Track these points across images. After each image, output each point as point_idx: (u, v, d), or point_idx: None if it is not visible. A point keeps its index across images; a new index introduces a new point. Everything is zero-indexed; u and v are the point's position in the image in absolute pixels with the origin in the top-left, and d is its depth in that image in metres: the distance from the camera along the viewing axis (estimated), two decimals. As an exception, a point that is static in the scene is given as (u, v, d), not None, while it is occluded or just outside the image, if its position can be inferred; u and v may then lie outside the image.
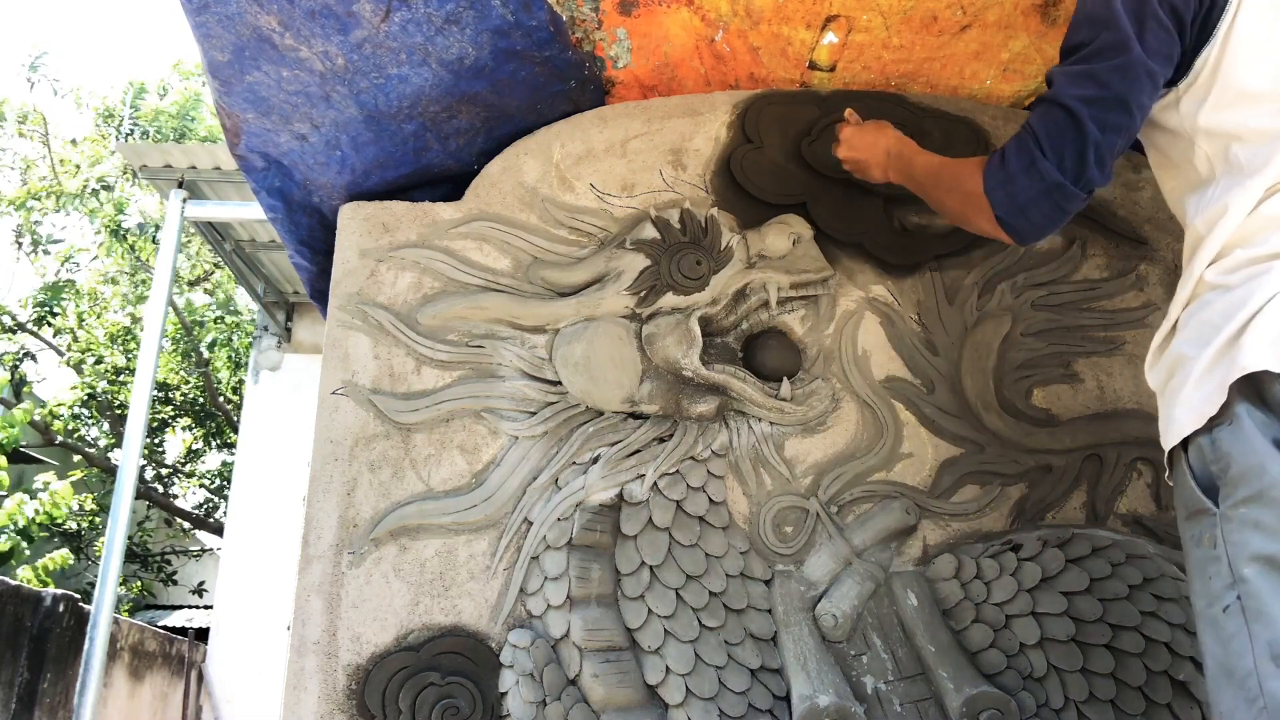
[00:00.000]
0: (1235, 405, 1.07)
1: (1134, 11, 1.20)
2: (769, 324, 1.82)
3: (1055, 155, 1.24)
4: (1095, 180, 1.25)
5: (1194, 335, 1.16)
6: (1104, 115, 1.22)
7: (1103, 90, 1.22)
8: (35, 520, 6.08)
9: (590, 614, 1.60)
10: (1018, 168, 1.27)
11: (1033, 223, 1.29)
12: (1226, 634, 1.03)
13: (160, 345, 4.23)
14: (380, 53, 1.66)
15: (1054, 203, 1.26)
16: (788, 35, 1.79)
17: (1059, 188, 1.24)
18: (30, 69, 9.88)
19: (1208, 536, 1.08)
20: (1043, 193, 1.26)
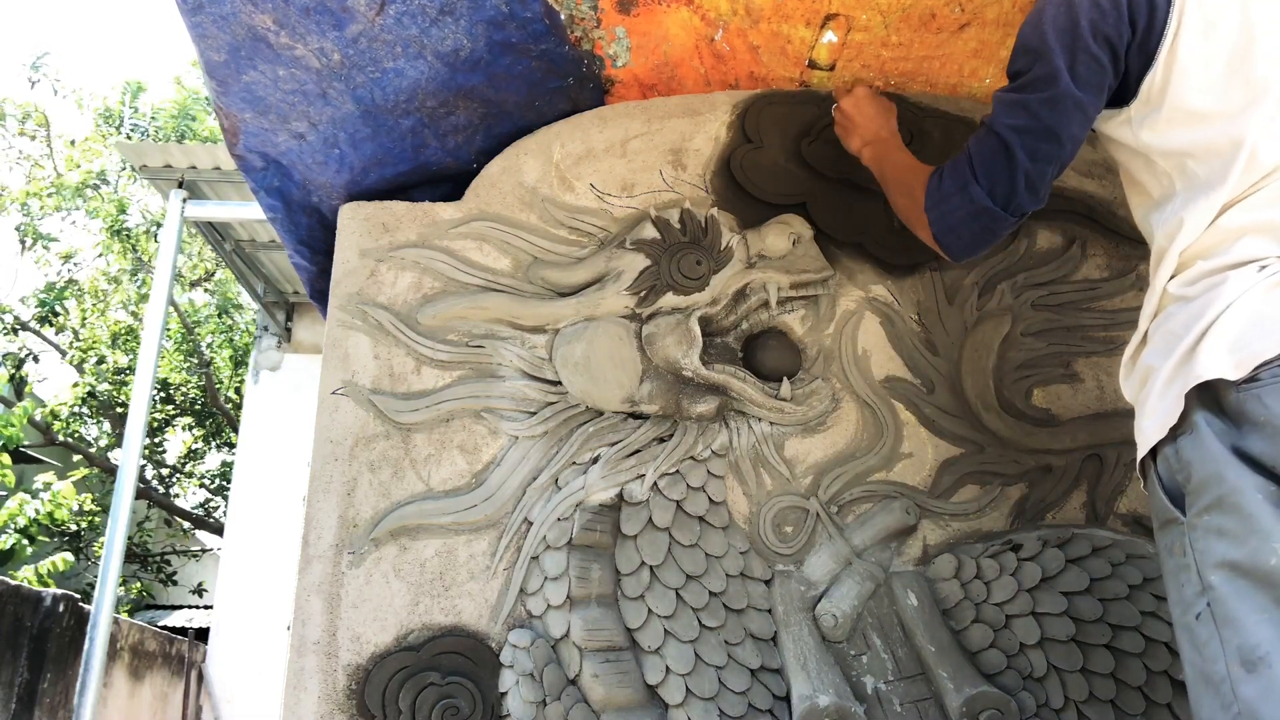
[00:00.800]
0: (1194, 414, 1.09)
1: (1065, 44, 1.23)
2: (769, 324, 1.82)
3: (987, 181, 1.29)
4: (1025, 205, 1.30)
5: (1159, 346, 1.19)
6: (1035, 145, 1.26)
7: (1033, 121, 1.26)
8: (36, 520, 6.08)
9: (590, 614, 1.60)
10: (951, 188, 1.33)
11: (962, 242, 1.36)
12: (1200, 641, 1.04)
13: (160, 345, 4.23)
14: (376, 46, 1.66)
15: (983, 225, 1.32)
16: (787, 34, 1.79)
17: (987, 212, 1.30)
18: (32, 68, 9.89)
19: (1178, 545, 1.09)
20: (972, 215, 1.32)
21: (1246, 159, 1.16)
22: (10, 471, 6.04)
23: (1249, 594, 1.00)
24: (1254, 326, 1.07)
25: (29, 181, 10.02)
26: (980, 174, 1.30)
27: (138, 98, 10.51)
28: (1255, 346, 1.05)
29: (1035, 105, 1.26)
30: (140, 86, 10.58)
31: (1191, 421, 1.09)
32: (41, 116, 10.04)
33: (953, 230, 1.35)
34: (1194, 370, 1.09)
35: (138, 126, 10.21)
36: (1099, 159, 1.93)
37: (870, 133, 1.66)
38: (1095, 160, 1.93)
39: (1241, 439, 1.05)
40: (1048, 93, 1.25)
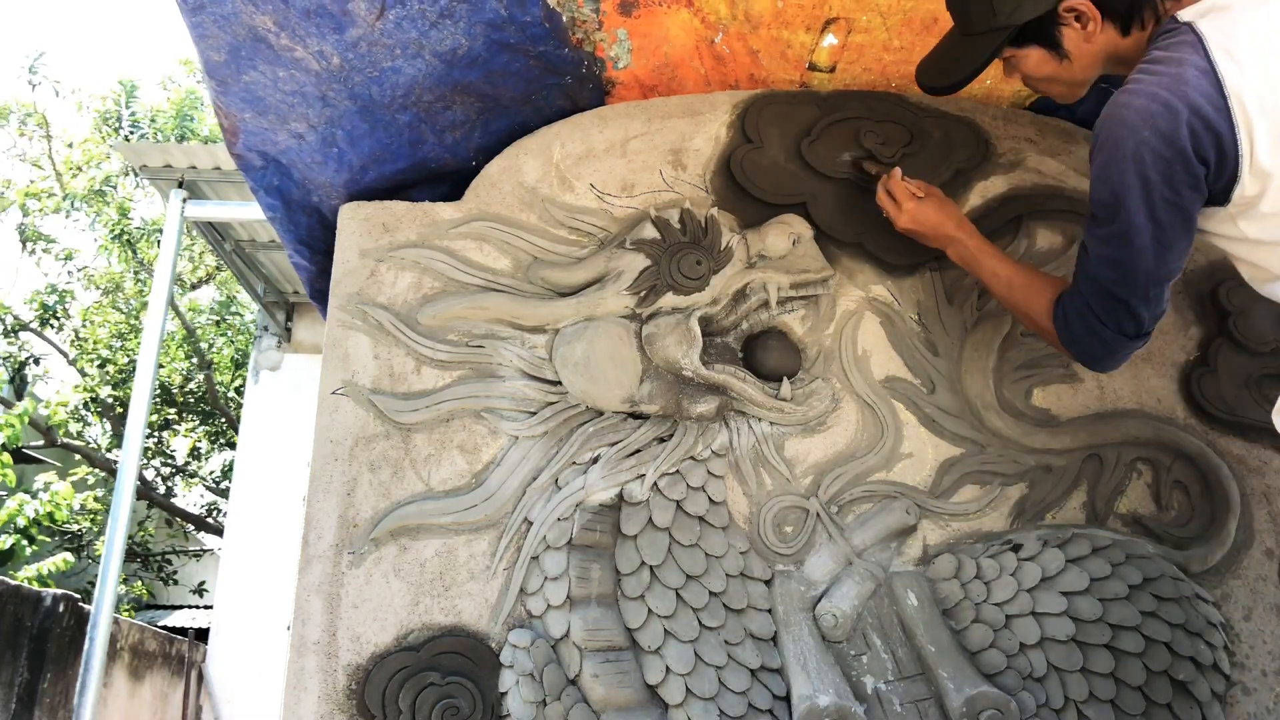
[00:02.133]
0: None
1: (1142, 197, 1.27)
2: (769, 324, 1.82)
3: (1113, 324, 1.38)
4: (1153, 327, 1.40)
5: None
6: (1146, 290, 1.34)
7: (1131, 274, 1.33)
8: (36, 520, 6.08)
9: (590, 614, 1.60)
10: (1083, 332, 1.42)
11: (1108, 366, 1.47)
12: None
13: (160, 345, 4.23)
14: (375, 50, 1.66)
15: (1125, 353, 1.43)
16: (787, 39, 1.79)
17: (1124, 344, 1.41)
18: (30, 70, 9.89)
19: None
20: (1110, 350, 1.42)
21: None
22: (10, 471, 6.04)
23: None
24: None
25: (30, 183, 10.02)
26: (1105, 319, 1.38)
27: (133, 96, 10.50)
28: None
29: (1126, 261, 1.32)
30: (134, 86, 10.58)
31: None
32: (41, 117, 10.04)
33: (1099, 360, 1.45)
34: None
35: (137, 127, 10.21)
36: (1099, 159, 1.93)
37: (943, 237, 1.67)
38: (1095, 160, 1.93)
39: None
40: (1135, 245, 1.30)
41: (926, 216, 1.68)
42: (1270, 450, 1.78)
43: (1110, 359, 1.44)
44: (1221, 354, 1.80)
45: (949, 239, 1.66)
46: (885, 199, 1.73)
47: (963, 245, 1.64)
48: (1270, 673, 1.65)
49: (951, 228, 1.65)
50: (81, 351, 9.57)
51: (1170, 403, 1.81)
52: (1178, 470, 1.77)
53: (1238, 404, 1.78)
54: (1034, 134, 1.94)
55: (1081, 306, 1.41)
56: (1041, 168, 1.91)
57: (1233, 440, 1.78)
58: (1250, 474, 1.76)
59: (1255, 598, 1.69)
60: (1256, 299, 1.53)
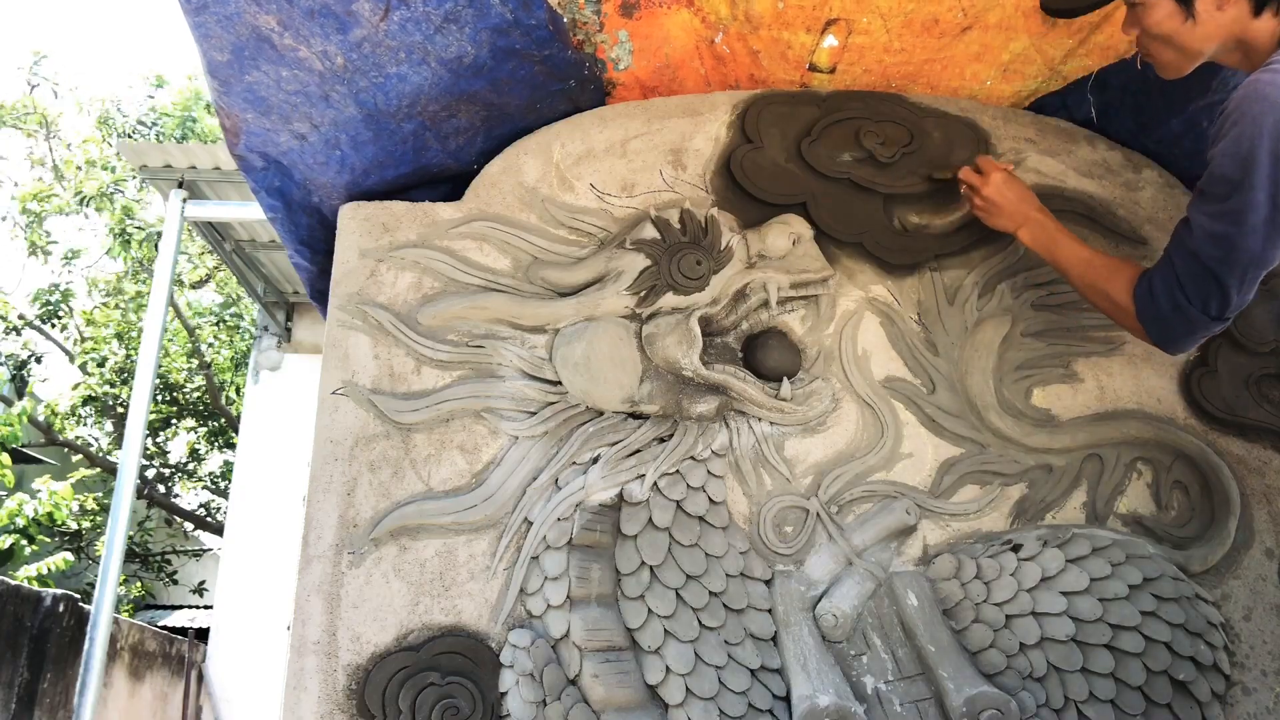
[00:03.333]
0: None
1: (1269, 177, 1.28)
2: (769, 324, 1.82)
3: (1200, 302, 1.39)
4: (1239, 309, 1.40)
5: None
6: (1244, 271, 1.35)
7: (1237, 253, 1.33)
8: (35, 520, 6.08)
9: (590, 614, 1.60)
10: (1168, 309, 1.43)
11: (1183, 346, 1.49)
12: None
13: (160, 345, 4.23)
14: (379, 52, 1.66)
15: (1204, 333, 1.44)
16: (788, 39, 1.79)
17: (1205, 325, 1.42)
18: (30, 71, 9.90)
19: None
20: (1191, 330, 1.44)
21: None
22: (10, 472, 6.04)
23: None
24: None
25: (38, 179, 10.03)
26: (1193, 296, 1.39)
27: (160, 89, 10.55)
28: None
29: (1237, 238, 1.32)
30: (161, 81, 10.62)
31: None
32: (40, 117, 10.04)
33: (1174, 341, 1.47)
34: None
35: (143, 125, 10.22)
36: (1099, 159, 1.93)
37: (1022, 216, 1.69)
38: (1095, 160, 1.93)
39: None
40: (1249, 223, 1.31)
41: (1013, 190, 1.71)
42: (1270, 450, 1.78)
43: (1188, 339, 1.45)
44: (1221, 354, 1.81)
45: (1029, 218, 1.68)
46: (970, 173, 1.75)
47: (1042, 226, 1.66)
48: (1270, 673, 1.65)
49: (1034, 207, 1.69)
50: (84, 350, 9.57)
51: (1170, 403, 1.81)
52: (1178, 470, 1.77)
53: (1238, 404, 1.78)
54: (1034, 134, 1.94)
55: (1171, 282, 1.41)
56: (1041, 168, 1.91)
57: (1233, 440, 1.78)
58: (1250, 474, 1.76)
59: (1255, 598, 1.69)
60: (1256, 299, 1.53)
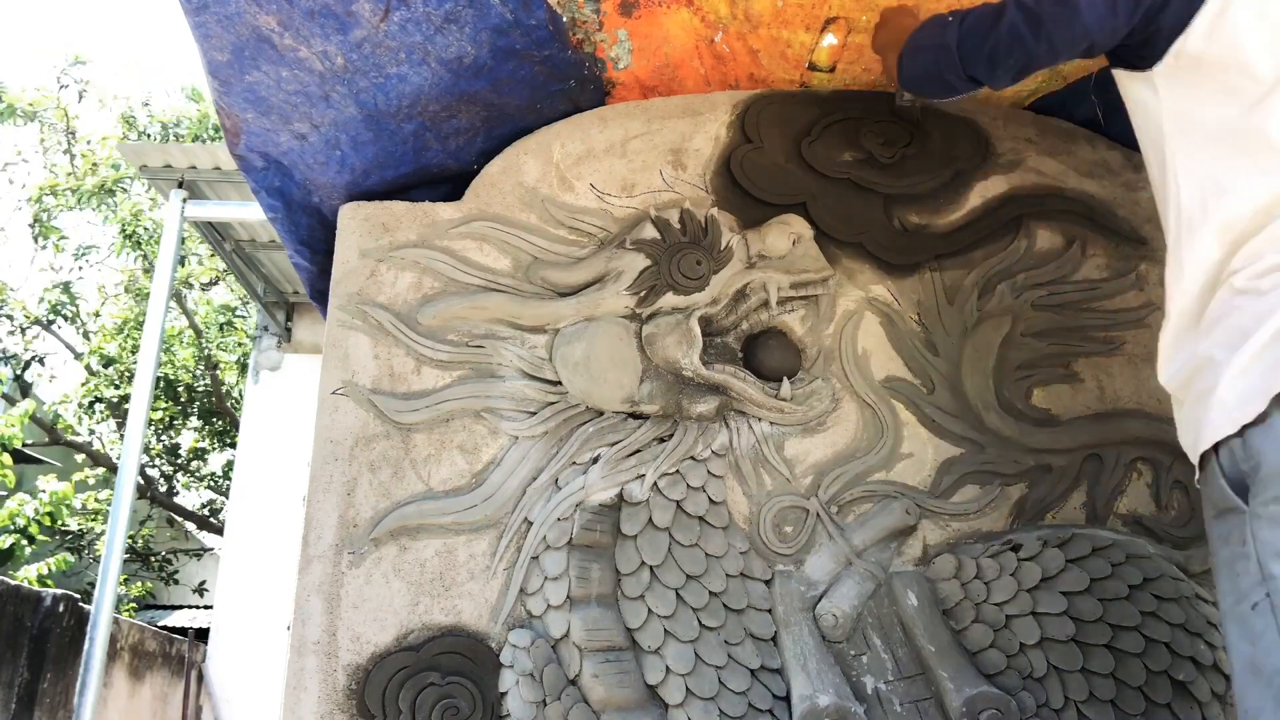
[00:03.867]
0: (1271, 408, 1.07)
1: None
2: (769, 324, 1.82)
3: (967, 28, 1.37)
4: (977, 69, 1.37)
5: (1223, 339, 1.15)
6: (1019, 23, 1.31)
7: (1035, 6, 1.30)
8: (35, 520, 6.08)
9: (590, 614, 1.60)
10: (941, 21, 1.41)
11: (915, 67, 1.45)
12: (1255, 631, 1.02)
13: (161, 345, 4.23)
14: (379, 52, 1.66)
15: (936, 61, 1.41)
16: (787, 38, 1.79)
17: (946, 50, 1.39)
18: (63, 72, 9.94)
19: (1236, 534, 1.08)
20: (936, 47, 1.41)
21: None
22: (11, 472, 6.04)
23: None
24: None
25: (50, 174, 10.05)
26: (968, 20, 1.38)
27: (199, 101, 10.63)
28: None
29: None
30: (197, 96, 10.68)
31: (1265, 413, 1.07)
32: (61, 112, 10.04)
33: (915, 52, 1.44)
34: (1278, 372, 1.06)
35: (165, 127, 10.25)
36: (1099, 159, 1.93)
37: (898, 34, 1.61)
38: (1095, 160, 1.93)
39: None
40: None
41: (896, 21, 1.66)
42: (1270, 450, 1.78)
43: (921, 57, 1.43)
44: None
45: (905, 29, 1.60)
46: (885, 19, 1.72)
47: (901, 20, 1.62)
48: (1270, 673, 1.65)
49: (910, 20, 1.62)
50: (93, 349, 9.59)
51: (1170, 403, 1.81)
52: (1178, 470, 1.77)
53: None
54: (1034, 134, 1.94)
55: (974, 11, 1.38)
56: (1041, 168, 1.91)
57: (1233, 440, 1.78)
58: (1250, 474, 1.76)
59: (1255, 598, 1.69)
60: None
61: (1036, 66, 1.34)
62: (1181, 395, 1.22)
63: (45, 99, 9.99)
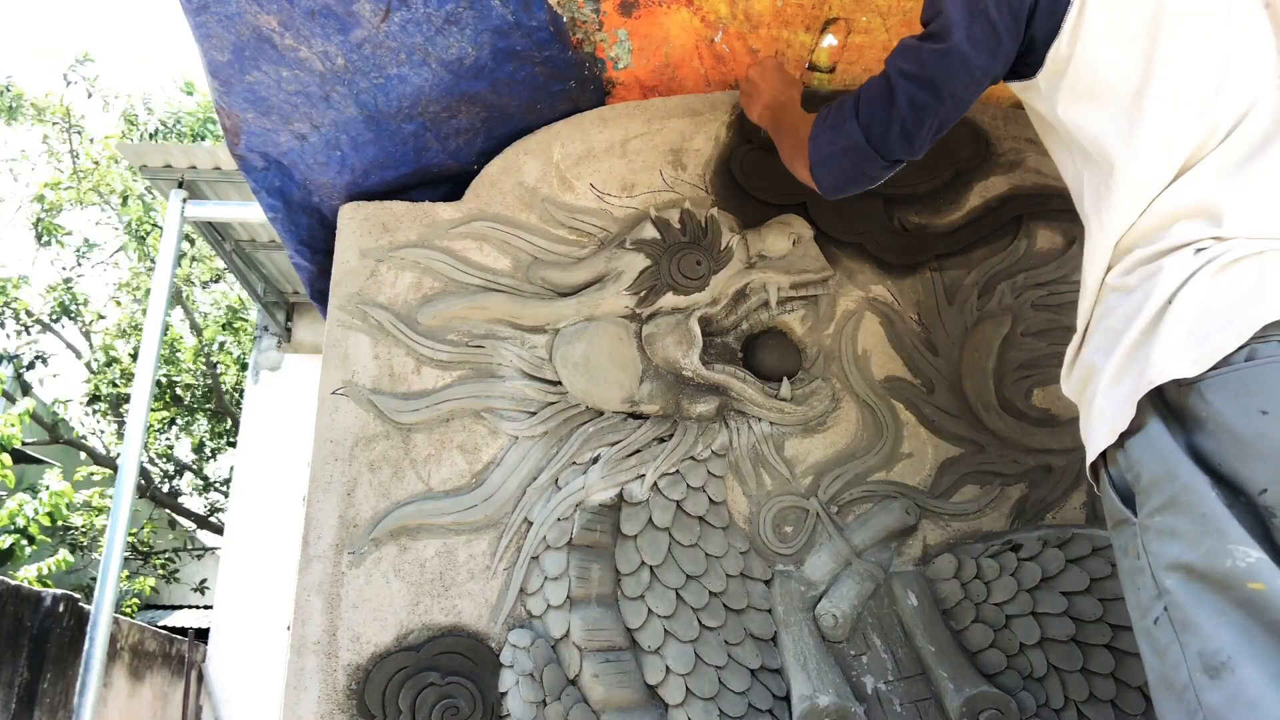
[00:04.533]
0: (1143, 413, 1.04)
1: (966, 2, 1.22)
2: (769, 324, 1.82)
3: (866, 119, 1.30)
4: (896, 152, 1.30)
5: (1100, 343, 1.14)
6: (915, 93, 1.26)
7: (920, 70, 1.25)
8: (35, 520, 6.09)
9: (590, 614, 1.60)
10: (835, 121, 1.34)
11: (832, 176, 1.36)
12: (1160, 646, 1.00)
13: (161, 344, 4.24)
14: (380, 53, 1.66)
15: (853, 162, 1.33)
16: (787, 39, 1.79)
17: (858, 149, 1.31)
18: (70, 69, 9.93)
19: (1131, 546, 1.05)
20: (845, 150, 1.32)
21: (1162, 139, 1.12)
22: (11, 472, 6.04)
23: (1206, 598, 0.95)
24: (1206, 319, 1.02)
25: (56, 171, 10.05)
26: (862, 111, 1.30)
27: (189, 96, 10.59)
28: (1213, 341, 1.00)
29: (926, 55, 1.25)
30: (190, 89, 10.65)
31: (1140, 420, 1.04)
32: (65, 110, 10.04)
33: (826, 161, 1.35)
34: (1146, 373, 1.03)
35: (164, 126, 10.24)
36: (1099, 160, 1.93)
37: (770, 96, 1.64)
38: (1095, 161, 1.93)
39: (1190, 436, 1.01)
40: (940, 46, 1.24)
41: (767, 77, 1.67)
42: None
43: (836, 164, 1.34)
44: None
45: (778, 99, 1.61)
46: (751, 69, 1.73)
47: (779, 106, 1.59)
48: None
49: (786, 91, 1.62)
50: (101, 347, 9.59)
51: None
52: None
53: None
54: (1034, 134, 1.94)
55: (848, 100, 1.33)
56: (1042, 167, 1.91)
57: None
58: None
59: (1255, 598, 1.69)
60: None
61: (954, 120, 1.31)
62: (1079, 404, 1.20)
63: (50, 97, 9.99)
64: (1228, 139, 1.10)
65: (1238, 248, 1.04)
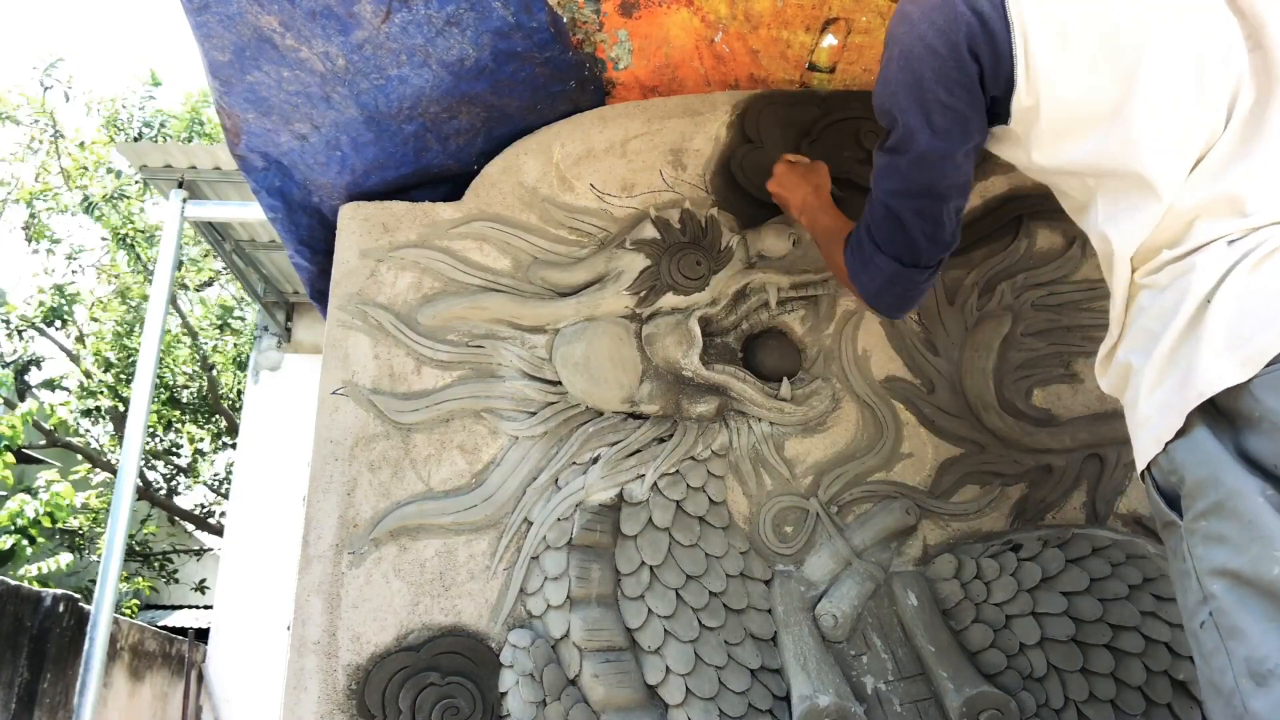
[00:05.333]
0: (1189, 421, 1.02)
1: (915, 100, 1.21)
2: (769, 324, 1.82)
3: (889, 249, 1.31)
4: (934, 255, 1.31)
5: (1137, 343, 1.13)
6: (916, 205, 1.27)
7: (907, 184, 1.26)
8: (36, 520, 6.09)
9: (590, 614, 1.60)
10: (864, 259, 1.35)
11: (889, 304, 1.39)
12: (1206, 650, 1.00)
13: (160, 345, 4.24)
14: (381, 54, 1.66)
15: (902, 286, 1.34)
16: (787, 39, 1.79)
17: (900, 275, 1.33)
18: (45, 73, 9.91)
19: (1178, 550, 1.04)
20: (889, 281, 1.34)
21: (1166, 142, 1.10)
22: (11, 473, 6.04)
23: (1253, 604, 0.94)
24: (1248, 317, 0.99)
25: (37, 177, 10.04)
26: (881, 242, 1.32)
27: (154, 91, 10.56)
28: (1258, 341, 0.97)
29: (904, 168, 1.25)
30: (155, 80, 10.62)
31: (1182, 427, 1.02)
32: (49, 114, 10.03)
33: (879, 295, 1.37)
34: (1194, 383, 1.01)
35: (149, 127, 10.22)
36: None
37: (798, 199, 1.65)
38: (1095, 161, 1.93)
39: (1238, 438, 0.98)
40: (911, 154, 1.24)
41: (790, 178, 1.67)
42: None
43: (888, 294, 1.35)
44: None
45: (805, 202, 1.62)
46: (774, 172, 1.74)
47: (811, 210, 1.60)
48: (1270, 673, 1.65)
49: (810, 194, 1.62)
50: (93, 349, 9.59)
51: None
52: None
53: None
54: (1034, 134, 1.94)
55: (863, 234, 1.34)
56: (1041, 168, 1.91)
57: (1232, 440, 1.78)
58: (1250, 474, 1.76)
59: (1255, 598, 1.69)
60: None
61: (968, 194, 1.31)
62: (1121, 401, 1.19)
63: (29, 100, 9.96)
64: (1228, 127, 1.09)
65: (1272, 239, 1.02)
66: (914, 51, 1.20)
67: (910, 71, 1.21)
